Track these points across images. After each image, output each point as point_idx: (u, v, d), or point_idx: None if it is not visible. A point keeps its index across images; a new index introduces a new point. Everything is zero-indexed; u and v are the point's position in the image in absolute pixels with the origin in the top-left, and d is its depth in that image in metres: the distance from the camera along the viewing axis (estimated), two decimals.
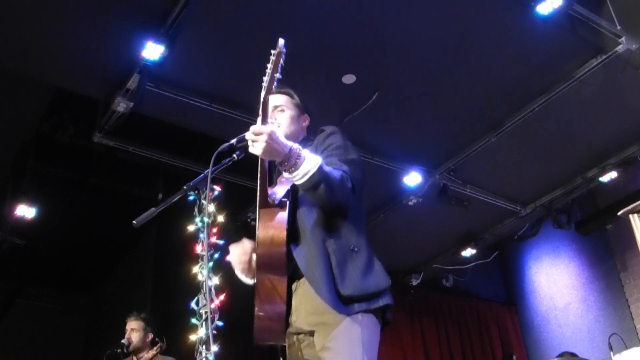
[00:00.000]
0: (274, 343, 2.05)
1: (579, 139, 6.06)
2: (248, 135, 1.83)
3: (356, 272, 1.92)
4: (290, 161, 1.83)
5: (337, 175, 1.91)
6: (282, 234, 1.91)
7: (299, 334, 2.03)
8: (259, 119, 1.93)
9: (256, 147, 1.82)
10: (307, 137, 2.30)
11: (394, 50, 4.80)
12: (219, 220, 3.68)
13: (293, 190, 2.02)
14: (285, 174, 1.88)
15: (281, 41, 1.79)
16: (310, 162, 1.84)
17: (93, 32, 4.29)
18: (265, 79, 1.82)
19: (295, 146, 1.84)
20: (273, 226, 1.92)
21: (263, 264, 1.93)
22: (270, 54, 1.80)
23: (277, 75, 1.81)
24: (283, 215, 1.94)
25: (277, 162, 1.86)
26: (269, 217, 1.94)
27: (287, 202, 1.97)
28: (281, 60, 1.80)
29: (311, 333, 1.98)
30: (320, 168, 1.84)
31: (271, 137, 1.79)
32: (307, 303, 1.96)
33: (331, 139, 2.12)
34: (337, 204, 1.94)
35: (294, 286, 2.01)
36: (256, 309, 1.96)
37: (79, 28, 4.26)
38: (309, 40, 4.58)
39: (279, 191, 2.01)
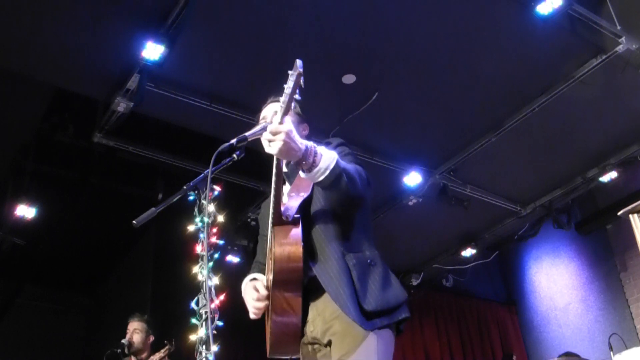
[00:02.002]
0: (288, 357, 2.07)
1: (579, 139, 6.06)
2: (265, 135, 1.82)
3: (376, 286, 1.95)
4: (308, 159, 1.82)
5: (352, 167, 1.94)
6: (299, 251, 1.92)
7: (314, 344, 2.05)
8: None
9: (273, 147, 1.80)
10: None
11: (394, 50, 4.80)
12: (219, 220, 3.68)
13: (305, 206, 2.04)
14: (303, 174, 1.88)
15: (299, 62, 1.75)
16: (327, 158, 1.84)
17: (93, 32, 4.29)
18: (282, 99, 1.79)
19: (310, 144, 1.84)
20: (289, 243, 1.93)
21: (279, 281, 1.94)
22: (289, 74, 1.77)
23: (296, 97, 1.79)
24: (298, 232, 1.95)
25: (294, 162, 1.85)
26: (283, 234, 1.95)
27: (300, 218, 1.99)
28: (300, 82, 1.76)
29: (327, 343, 2.00)
30: (338, 161, 1.86)
31: (289, 136, 1.77)
32: (326, 312, 1.99)
33: (340, 149, 2.13)
34: (357, 196, 1.95)
35: (310, 298, 2.03)
36: (271, 323, 1.97)
37: (79, 28, 4.26)
38: (309, 40, 4.59)
39: (291, 207, 2.02)
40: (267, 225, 2.06)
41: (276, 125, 1.79)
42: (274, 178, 1.97)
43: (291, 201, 2.04)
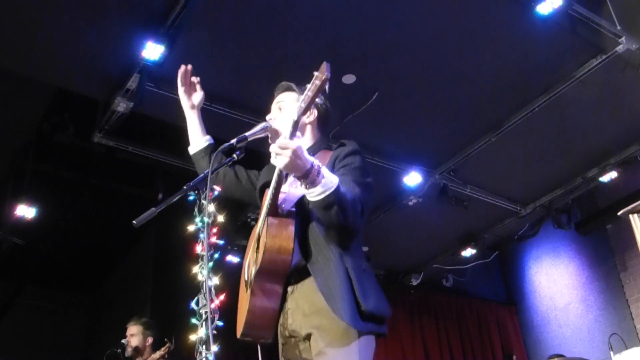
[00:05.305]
0: (258, 341, 2.07)
1: (579, 139, 6.06)
2: (273, 147, 1.82)
3: (372, 292, 1.94)
4: (309, 178, 1.81)
5: (349, 198, 1.90)
6: (290, 245, 1.92)
7: (293, 337, 2.03)
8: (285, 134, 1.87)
9: (279, 161, 1.80)
10: (321, 139, 2.28)
11: (394, 50, 4.80)
12: (219, 220, 3.67)
13: (304, 202, 2.01)
14: (301, 188, 1.88)
15: (326, 64, 1.70)
16: (328, 182, 1.83)
17: (93, 32, 4.29)
18: (302, 97, 1.78)
19: (316, 163, 1.83)
20: (281, 235, 1.93)
21: (265, 270, 1.94)
22: (313, 76, 1.74)
23: (318, 100, 1.79)
24: (291, 226, 1.95)
25: (295, 176, 1.85)
26: (276, 226, 1.95)
27: (295, 213, 1.98)
28: (325, 87, 1.73)
29: (307, 337, 1.98)
30: (336, 189, 1.83)
31: (295, 153, 1.77)
32: (305, 306, 1.98)
33: (351, 159, 2.09)
34: (344, 227, 1.92)
35: (289, 289, 2.03)
36: (249, 306, 1.98)
37: (79, 28, 4.26)
38: (308, 40, 4.58)
39: (289, 199, 2.01)
40: (268, 179, 2.07)
41: (286, 141, 1.79)
42: (276, 171, 1.96)
43: (289, 194, 2.04)
